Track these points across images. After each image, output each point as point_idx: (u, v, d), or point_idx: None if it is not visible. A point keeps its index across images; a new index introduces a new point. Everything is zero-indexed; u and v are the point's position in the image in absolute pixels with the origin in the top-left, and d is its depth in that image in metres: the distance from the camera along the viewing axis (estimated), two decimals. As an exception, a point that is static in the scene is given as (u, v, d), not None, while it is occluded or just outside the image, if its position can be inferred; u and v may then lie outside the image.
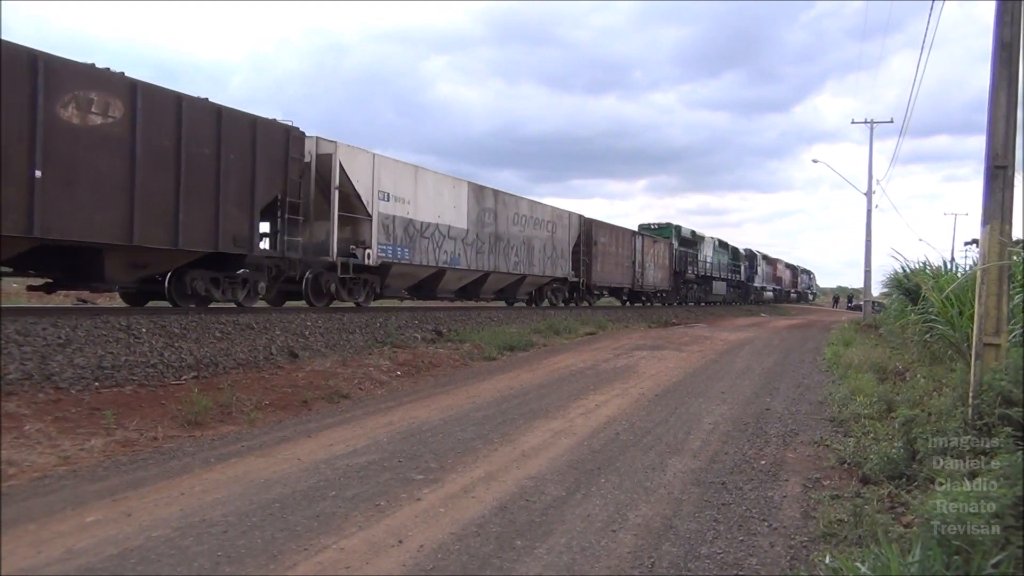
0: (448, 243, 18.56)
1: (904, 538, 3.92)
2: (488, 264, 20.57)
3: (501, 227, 21.33)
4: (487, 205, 20.68)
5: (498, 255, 21.06)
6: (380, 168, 16.04)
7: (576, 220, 26.94)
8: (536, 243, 23.35)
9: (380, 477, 5.76)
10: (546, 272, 24.31)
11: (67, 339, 8.71)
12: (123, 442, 6.76)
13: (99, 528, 4.53)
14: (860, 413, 7.93)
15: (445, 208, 18.49)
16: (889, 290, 21.51)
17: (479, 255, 20.08)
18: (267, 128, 12.87)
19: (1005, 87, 6.15)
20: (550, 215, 24.82)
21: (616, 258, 30.45)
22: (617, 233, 30.94)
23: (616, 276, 30.54)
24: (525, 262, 22.73)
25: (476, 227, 19.94)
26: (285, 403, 8.89)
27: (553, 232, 24.78)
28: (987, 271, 6.04)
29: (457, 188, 19.35)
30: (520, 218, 22.54)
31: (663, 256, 36.90)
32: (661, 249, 36.68)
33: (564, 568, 4.02)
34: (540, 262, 23.79)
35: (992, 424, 5.19)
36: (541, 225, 23.92)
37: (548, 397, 9.80)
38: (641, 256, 33.35)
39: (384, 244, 16.13)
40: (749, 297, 56.44)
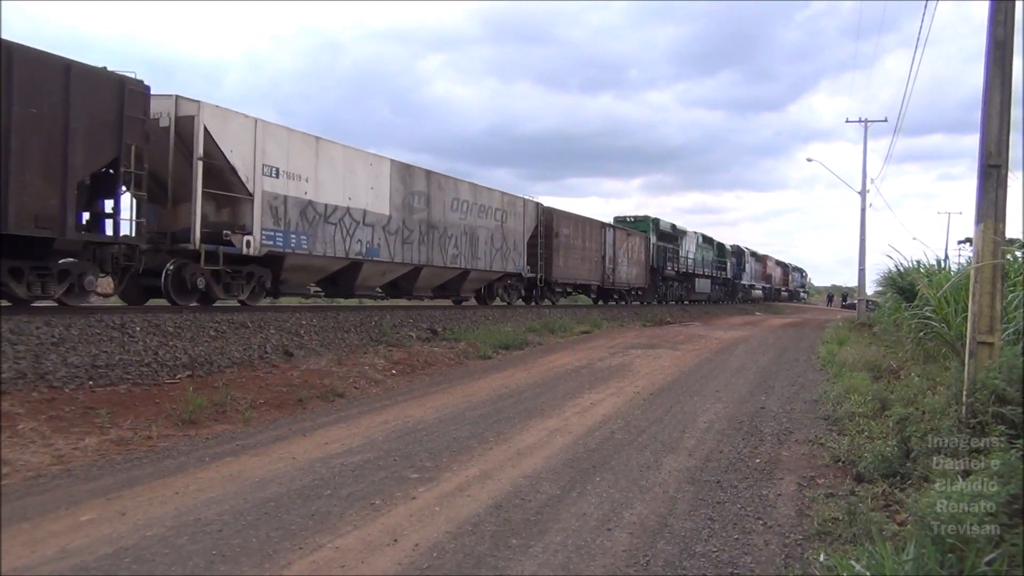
0: (363, 231, 15.62)
1: (898, 536, 3.93)
2: (419, 256, 17.65)
3: (436, 214, 18.29)
4: (417, 188, 17.64)
5: (432, 246, 18.10)
6: (265, 137, 13.07)
7: (532, 209, 23.85)
8: (481, 233, 20.32)
9: (375, 476, 5.76)
10: (494, 267, 21.20)
11: (61, 338, 8.68)
12: (117, 441, 6.75)
13: (93, 527, 4.51)
14: (854, 411, 7.96)
15: (359, 189, 15.52)
16: (883, 289, 21.55)
17: (407, 246, 17.13)
18: (89, 77, 10.05)
19: (999, 86, 6.17)
20: (499, 202, 21.63)
21: (582, 252, 27.65)
22: (583, 224, 28.06)
23: (582, 272, 27.81)
24: (467, 255, 19.72)
25: (402, 213, 16.94)
26: (280, 402, 8.88)
27: (503, 221, 21.63)
28: (981, 270, 6.06)
29: (377, 167, 16.34)
30: (461, 204, 19.49)
31: (638, 251, 34.19)
32: (636, 243, 33.88)
33: (559, 566, 4.02)
34: (487, 255, 20.69)
35: (986, 422, 5.21)
36: (487, 213, 20.84)
37: (543, 396, 9.81)
38: (612, 250, 30.54)
39: (272, 230, 13.14)
40: (736, 295, 54.37)
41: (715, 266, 47.45)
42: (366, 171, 15.92)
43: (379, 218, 16.28)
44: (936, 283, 10.92)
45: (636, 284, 34.21)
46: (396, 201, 16.84)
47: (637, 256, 34.06)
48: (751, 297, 58.76)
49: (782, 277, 75.81)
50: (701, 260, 44.15)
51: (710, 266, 46.17)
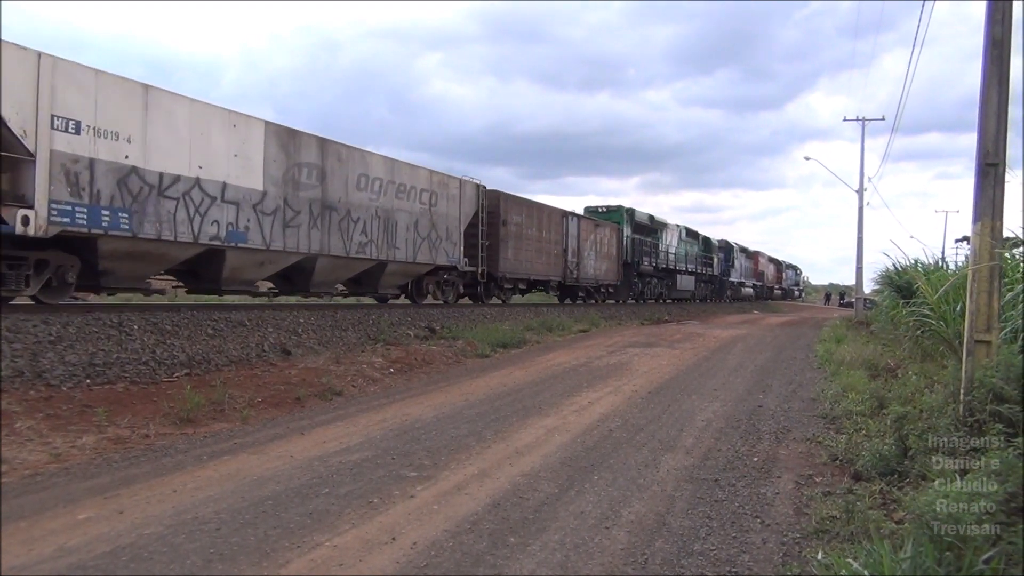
0: (223, 209, 12.16)
1: (896, 534, 3.94)
2: (310, 244, 14.09)
3: (335, 192, 14.79)
4: (306, 159, 14.01)
5: (329, 231, 14.60)
6: (57, 79, 9.64)
7: (472, 191, 20.13)
8: (402, 218, 16.94)
9: (373, 474, 5.76)
10: (420, 258, 17.69)
11: (58, 336, 8.66)
12: (115, 439, 6.74)
13: (91, 526, 4.51)
14: (852, 410, 7.97)
15: (216, 156, 12.02)
16: (881, 287, 21.58)
17: (290, 230, 13.57)
18: None
19: (996, 85, 6.17)
20: (426, 181, 18.06)
21: (538, 244, 24.26)
22: (539, 212, 24.65)
23: (538, 266, 24.37)
24: (381, 243, 16.26)
25: (283, 189, 13.40)
26: (278, 400, 8.87)
27: (432, 205, 18.19)
28: (978, 268, 6.07)
29: (244, 129, 12.66)
30: (372, 183, 15.98)
31: (608, 244, 30.80)
32: (605, 235, 30.50)
33: (558, 565, 4.02)
34: (409, 244, 17.28)
35: (983, 421, 5.21)
36: (410, 194, 17.41)
37: (541, 394, 9.81)
38: (576, 243, 27.26)
39: (69, 203, 9.82)
40: (724, 293, 51.42)
41: (700, 262, 44.51)
42: (227, 134, 12.34)
43: (247, 194, 12.66)
44: (934, 281, 10.94)
45: (606, 280, 30.81)
46: (274, 174, 13.24)
47: (607, 250, 30.77)
48: (741, 295, 56.03)
49: (775, 275, 73.08)
50: (684, 255, 41.18)
51: (694, 262, 43.20)
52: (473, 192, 20.29)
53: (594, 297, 30.78)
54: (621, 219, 32.84)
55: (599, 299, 31.20)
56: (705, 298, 46.44)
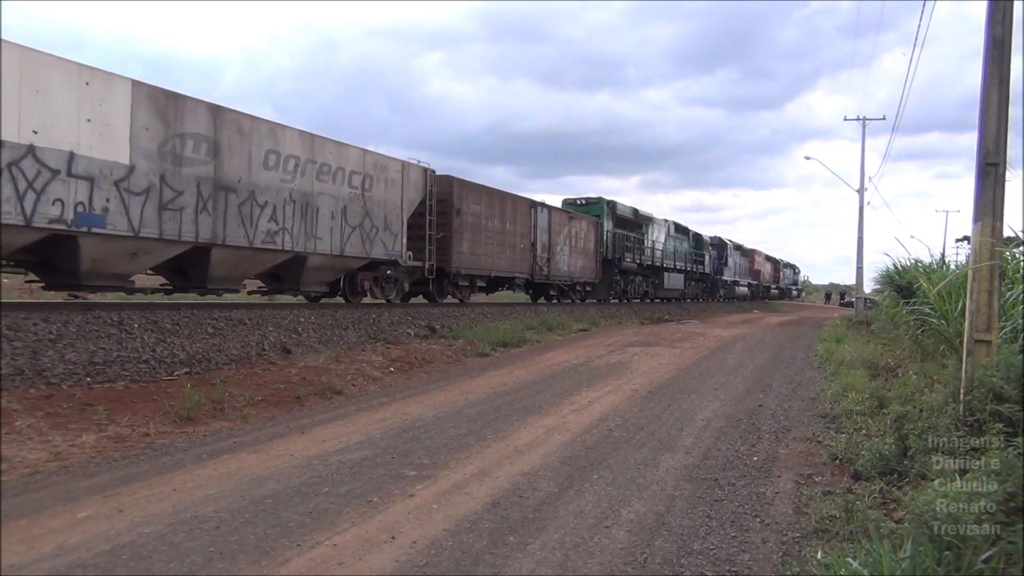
0: (70, 186, 9.85)
1: (895, 534, 3.93)
2: (198, 230, 11.71)
3: (234, 170, 12.39)
4: (191, 128, 11.59)
5: (225, 217, 12.23)
6: None
7: (418, 176, 17.73)
8: (325, 204, 14.51)
9: (373, 473, 5.76)
10: (350, 251, 15.27)
11: (58, 334, 8.67)
12: (115, 438, 6.74)
13: (90, 524, 4.51)
14: (852, 409, 7.96)
15: (58, 119, 9.68)
16: (881, 287, 21.58)
17: (170, 214, 11.23)
18: None
19: (996, 85, 6.17)
20: (357, 162, 15.54)
21: (501, 236, 21.85)
22: (502, 201, 22.15)
23: (500, 262, 21.89)
24: (298, 232, 13.76)
25: (159, 164, 11.03)
26: (278, 399, 8.87)
27: (366, 189, 15.74)
28: (979, 268, 6.07)
29: (102, 88, 10.28)
30: (284, 161, 13.51)
31: (586, 238, 28.36)
32: (582, 229, 28.03)
33: (557, 564, 4.02)
34: (336, 234, 14.83)
35: (983, 420, 5.21)
36: (336, 176, 14.88)
37: (541, 393, 9.81)
38: (547, 236, 24.95)
39: None
40: (717, 292, 48.92)
41: (691, 259, 41.97)
42: (76, 93, 9.92)
43: (106, 168, 10.37)
44: (935, 280, 10.93)
45: (583, 278, 28.32)
46: (146, 145, 10.91)
47: (584, 245, 28.30)
48: (735, 295, 53.58)
49: (772, 273, 70.34)
50: (673, 252, 38.69)
51: (684, 259, 40.61)
52: (419, 177, 17.85)
53: (569, 296, 28.17)
54: (601, 212, 30.38)
55: (575, 298, 28.52)
56: (696, 297, 44.25)
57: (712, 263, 46.49)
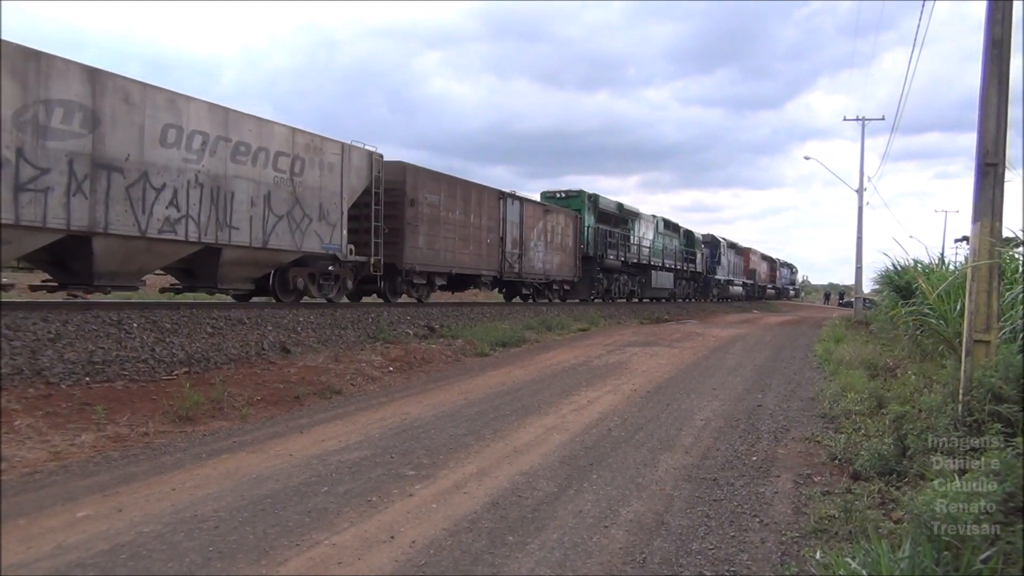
0: None
1: (894, 534, 3.94)
2: (70, 216, 9.91)
3: (119, 146, 10.55)
4: (62, 95, 9.72)
5: (109, 201, 10.42)
6: None
7: (362, 161, 15.82)
8: (243, 189, 12.50)
9: (372, 473, 5.76)
10: (275, 243, 13.29)
11: (57, 333, 8.66)
12: (114, 437, 6.74)
13: (90, 524, 4.51)
14: (851, 409, 7.97)
15: None
16: (880, 287, 21.58)
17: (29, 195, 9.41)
18: None
19: (996, 85, 6.17)
20: (285, 143, 13.49)
21: (464, 230, 19.96)
22: (465, 192, 20.21)
23: (464, 257, 20.02)
24: (207, 221, 11.87)
25: (14, 135, 9.22)
26: (277, 399, 8.87)
27: (295, 174, 13.76)
28: (978, 268, 6.07)
29: None
30: (188, 138, 11.55)
31: (563, 233, 26.51)
32: (559, 224, 26.25)
33: (556, 564, 4.02)
34: (257, 224, 12.83)
35: (982, 421, 5.21)
36: (257, 158, 12.82)
37: (540, 393, 9.81)
38: (519, 231, 23.03)
39: None
40: (710, 292, 46.91)
41: (681, 257, 40.08)
42: None
43: None
44: (933, 281, 10.93)
45: (560, 276, 26.54)
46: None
47: (562, 240, 26.47)
48: (729, 294, 51.74)
49: (768, 273, 68.81)
50: (662, 249, 36.81)
51: (673, 257, 38.68)
52: (363, 161, 15.91)
53: (545, 295, 26.31)
54: (582, 206, 28.51)
55: (552, 297, 26.64)
56: (688, 297, 42.64)
57: (705, 262, 44.97)
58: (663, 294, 37.54)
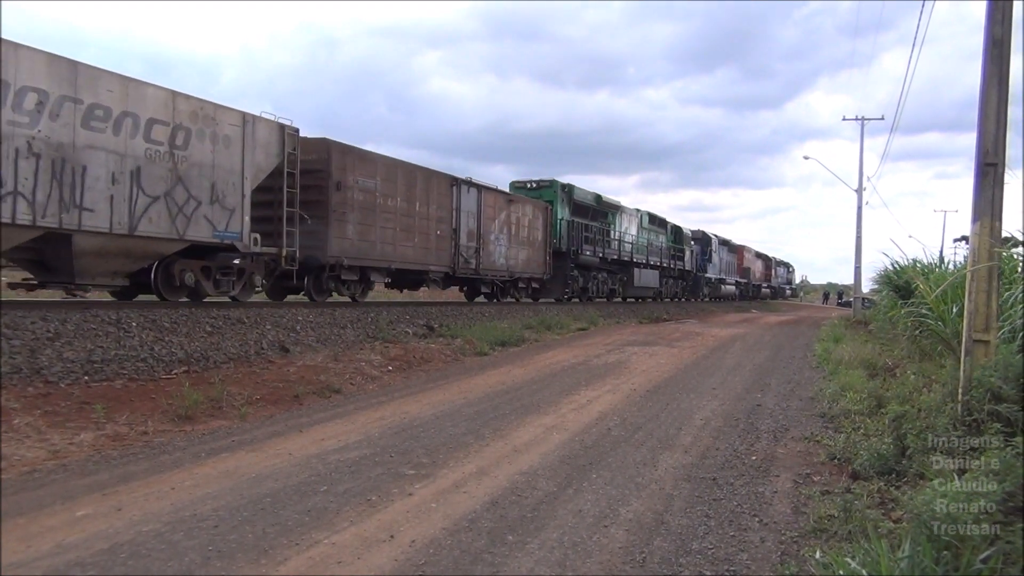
0: None
1: (894, 534, 3.94)
2: None
3: None
4: None
5: None
6: None
7: (271, 134, 13.25)
8: (100, 162, 10.17)
9: (371, 472, 5.76)
10: (148, 229, 10.96)
11: (56, 332, 8.66)
12: (113, 436, 6.74)
13: (89, 523, 4.50)
14: (850, 409, 7.97)
15: None
16: (879, 287, 21.59)
17: None
18: None
19: (996, 85, 6.18)
20: (163, 109, 11.14)
21: (407, 220, 17.34)
22: (408, 176, 17.43)
23: (407, 251, 17.37)
24: (44, 199, 9.47)
25: None
26: (276, 398, 8.87)
27: (178, 147, 11.43)
28: (977, 268, 6.07)
29: None
30: (19, 95, 9.10)
31: (531, 227, 23.95)
32: (526, 215, 23.69)
33: (556, 563, 4.02)
34: (122, 205, 10.55)
35: (982, 420, 5.22)
36: (121, 125, 10.48)
37: (540, 393, 9.81)
38: (476, 222, 20.43)
39: None
40: (700, 291, 44.55)
41: (668, 254, 37.80)
42: None
43: None
44: (932, 281, 10.94)
45: (527, 273, 23.94)
46: None
47: (529, 234, 23.87)
48: (721, 294, 49.66)
49: (764, 271, 66.55)
50: (646, 245, 34.45)
51: (659, 253, 36.37)
52: (272, 136, 13.27)
53: (511, 294, 23.90)
54: (554, 197, 26.16)
55: (518, 296, 24.35)
56: (675, 296, 40.16)
57: (694, 259, 42.72)
58: (647, 293, 35.22)
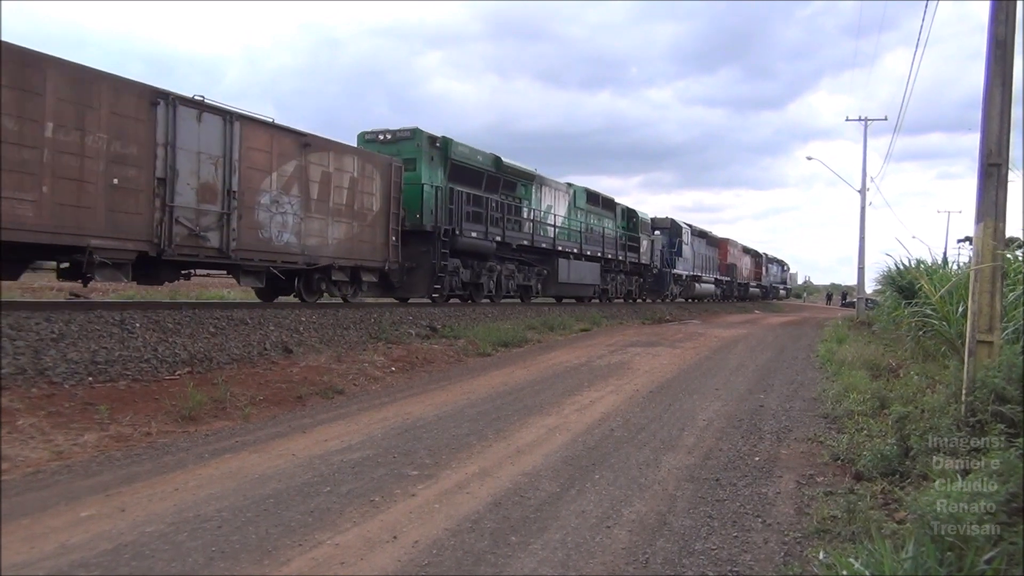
0: None
1: (897, 534, 3.94)
2: None
3: None
4: None
5: None
6: None
7: None
8: None
9: (375, 473, 5.76)
10: None
11: (60, 333, 8.67)
12: (117, 437, 6.75)
13: (93, 523, 4.51)
14: (853, 410, 7.96)
15: None
16: (883, 287, 21.56)
17: None
18: None
19: (999, 85, 6.16)
20: None
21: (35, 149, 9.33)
22: (58, 78, 9.60)
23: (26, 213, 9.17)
24: None
25: None
26: (279, 398, 8.88)
27: None
28: (981, 269, 6.06)
29: None
30: None
31: (360, 191, 15.84)
32: (347, 173, 15.46)
33: (559, 564, 4.02)
34: None
35: (985, 421, 5.21)
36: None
37: (543, 393, 9.81)
38: (222, 172, 12.27)
39: None
40: (665, 289, 37.13)
41: (618, 244, 30.51)
42: None
43: None
44: (936, 281, 10.93)
45: (350, 258, 15.66)
46: None
47: (357, 201, 15.71)
48: (695, 293, 42.53)
49: (753, 270, 59.73)
50: (582, 231, 27.00)
51: (601, 242, 28.71)
52: None
53: (321, 289, 15.46)
54: (417, 154, 18.04)
55: (336, 292, 15.86)
56: (628, 296, 33.46)
57: (658, 251, 35.98)
58: (583, 292, 27.90)
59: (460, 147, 19.70)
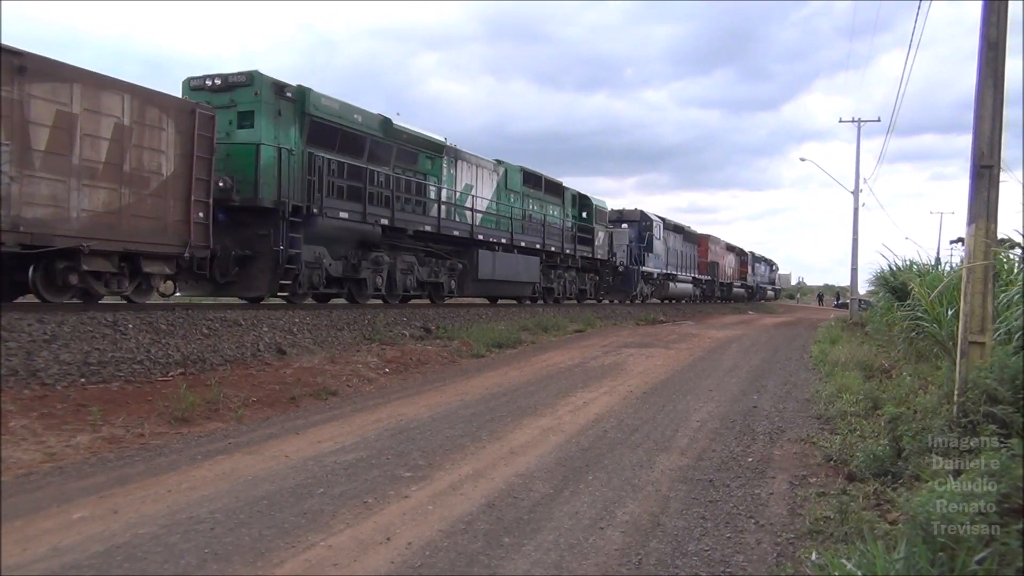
0: None
1: (889, 535, 3.95)
2: None
3: None
4: None
5: None
6: None
7: None
8: None
9: (368, 474, 5.75)
10: None
11: (53, 335, 8.63)
12: (109, 439, 6.72)
13: (85, 525, 4.50)
14: (846, 411, 7.98)
15: None
16: (876, 288, 21.62)
17: None
18: None
19: (991, 87, 6.20)
20: None
21: None
22: None
23: None
24: None
25: None
26: (273, 400, 8.86)
27: None
28: (973, 270, 6.09)
29: None
30: None
31: (140, 146, 10.84)
32: (119, 119, 10.45)
33: (552, 565, 4.02)
34: None
35: (977, 422, 5.23)
36: None
37: (536, 394, 9.81)
38: None
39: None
40: (633, 289, 33.13)
41: (564, 235, 26.04)
42: None
43: None
44: (929, 282, 10.97)
45: (118, 239, 10.60)
46: None
47: (136, 160, 10.84)
48: (669, 293, 38.45)
49: (738, 268, 56.03)
50: (513, 217, 22.51)
51: (541, 232, 24.36)
52: None
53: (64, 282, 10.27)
54: (257, 105, 13.38)
55: (97, 288, 10.86)
56: (583, 294, 29.01)
57: (627, 247, 32.14)
58: (517, 290, 23.70)
59: (326, 101, 14.86)
